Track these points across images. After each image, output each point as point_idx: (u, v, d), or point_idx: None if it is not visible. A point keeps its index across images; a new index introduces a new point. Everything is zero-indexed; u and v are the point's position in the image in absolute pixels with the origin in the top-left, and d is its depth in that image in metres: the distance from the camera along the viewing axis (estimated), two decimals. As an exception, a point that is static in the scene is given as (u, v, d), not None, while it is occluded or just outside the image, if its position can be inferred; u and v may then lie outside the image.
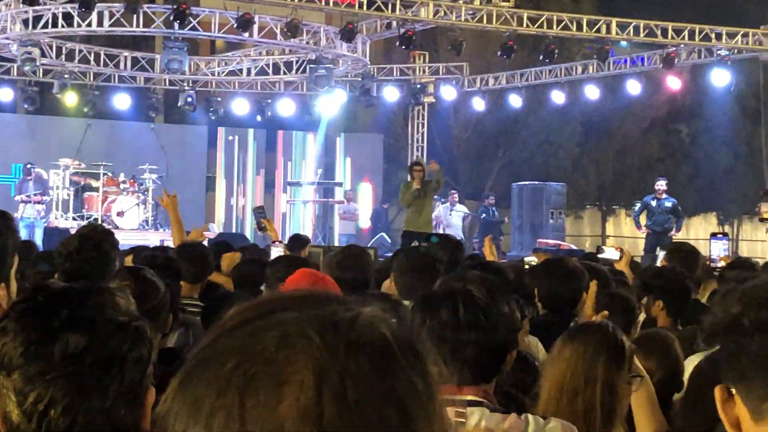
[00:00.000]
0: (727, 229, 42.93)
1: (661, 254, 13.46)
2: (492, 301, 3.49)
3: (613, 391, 3.72)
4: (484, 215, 27.52)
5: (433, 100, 30.75)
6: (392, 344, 1.14)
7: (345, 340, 1.11)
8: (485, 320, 3.41)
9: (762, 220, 6.48)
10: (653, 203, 21.83)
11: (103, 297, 2.17)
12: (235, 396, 1.08)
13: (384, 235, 28.08)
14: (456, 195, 27.31)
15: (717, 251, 7.78)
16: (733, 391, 1.82)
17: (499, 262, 8.97)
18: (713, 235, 8.06)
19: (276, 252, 9.43)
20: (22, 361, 2.05)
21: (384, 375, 1.11)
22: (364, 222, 29.96)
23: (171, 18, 21.25)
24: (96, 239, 6.19)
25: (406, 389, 1.12)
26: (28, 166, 23.69)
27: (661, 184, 22.06)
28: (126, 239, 19.43)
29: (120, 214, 23.57)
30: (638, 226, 22.58)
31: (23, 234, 21.78)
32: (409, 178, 18.07)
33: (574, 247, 26.67)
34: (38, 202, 23.21)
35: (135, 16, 21.89)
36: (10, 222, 3.15)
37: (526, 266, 8.84)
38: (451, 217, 26.35)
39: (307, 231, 28.75)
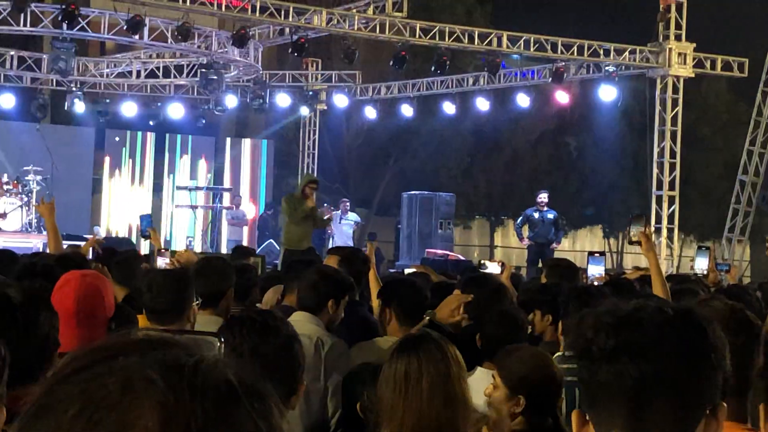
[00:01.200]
0: (612, 242, 43.67)
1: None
2: None
3: None
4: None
5: (325, 108, 30.76)
6: (236, 387, 1.13)
7: (189, 384, 1.09)
8: None
9: (631, 242, 6.60)
10: (535, 215, 22.04)
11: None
12: None
13: (272, 242, 27.95)
14: (347, 203, 27.29)
15: (594, 271, 7.89)
16: (587, 416, 1.83)
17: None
18: (590, 254, 8.15)
19: (162, 261, 9.27)
20: None
21: (229, 419, 1.10)
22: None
23: (59, 18, 20.93)
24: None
25: (250, 430, 1.11)
26: None
27: (543, 197, 22.29)
28: (7, 242, 19.11)
29: (2, 216, 23.10)
30: (520, 237, 22.74)
31: None
32: (301, 192, 16.66)
33: (461, 257, 26.87)
34: None
35: (22, 14, 21.52)
36: None
37: None
38: (341, 225, 26.33)
39: (196, 237, 28.58)
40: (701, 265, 9.11)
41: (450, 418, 3.76)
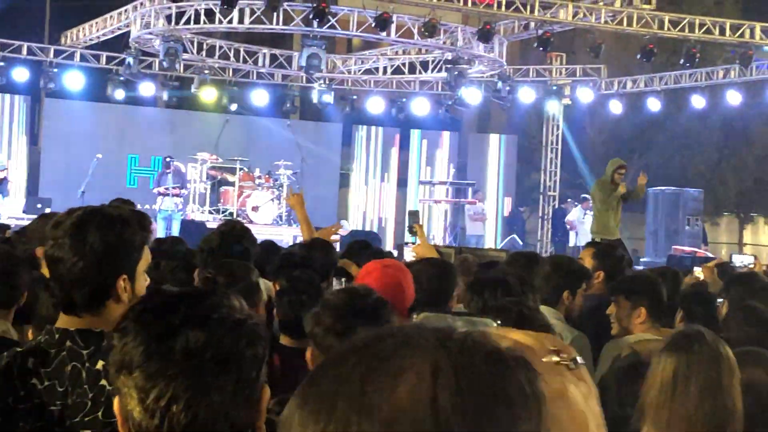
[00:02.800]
0: None
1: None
2: None
3: None
4: None
5: (570, 103, 30.52)
6: (504, 353, 1.21)
7: (461, 345, 1.19)
8: None
9: None
10: None
11: (218, 298, 2.22)
12: (356, 383, 1.15)
13: (515, 237, 28.00)
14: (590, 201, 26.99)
15: None
16: None
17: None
18: None
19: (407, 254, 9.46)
20: (143, 359, 2.08)
21: (496, 374, 1.17)
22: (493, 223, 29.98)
23: (310, 16, 21.46)
24: (236, 236, 6.38)
25: (515, 390, 1.17)
26: (168, 159, 24.15)
27: None
28: (260, 234, 19.78)
29: (255, 208, 23.93)
30: None
31: (161, 226, 22.31)
32: (611, 178, 16.36)
33: (710, 254, 26.22)
34: (176, 195, 23.67)
35: (275, 13, 22.19)
36: (142, 218, 3.24)
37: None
38: (584, 222, 26.10)
39: (438, 231, 28.90)
40: None
41: (719, 429, 3.60)
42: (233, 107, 27.76)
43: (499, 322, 3.94)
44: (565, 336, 5.74)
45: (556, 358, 1.37)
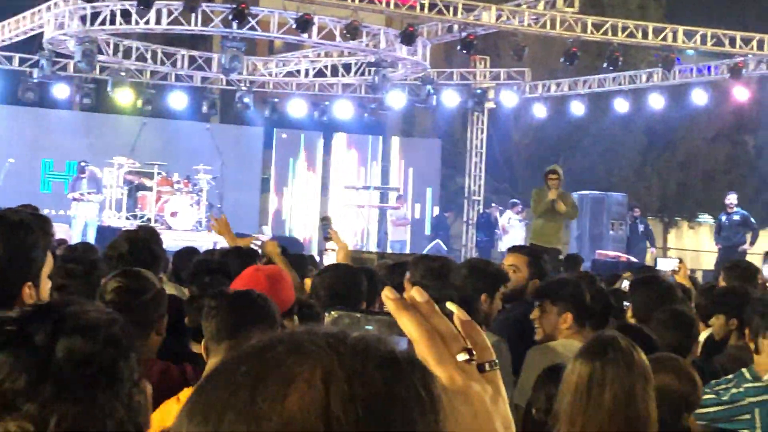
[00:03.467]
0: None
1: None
2: None
3: None
4: None
5: (494, 106, 30.67)
6: (398, 357, 1.20)
7: (353, 350, 1.18)
8: None
9: None
10: (723, 218, 21.86)
11: (78, 307, 2.14)
12: (246, 392, 1.14)
13: (440, 242, 28.02)
14: (520, 205, 27.14)
15: None
16: None
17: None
18: (767, 255, 7.89)
19: (327, 260, 9.42)
20: (10, 377, 2.01)
21: (389, 379, 1.17)
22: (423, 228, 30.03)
23: (230, 17, 21.35)
24: (144, 241, 6.26)
25: (410, 394, 1.17)
26: (82, 164, 23.86)
27: (729, 199, 21.95)
28: (179, 240, 19.59)
29: (173, 214, 23.70)
30: (716, 243, 22.75)
31: (76, 233, 22.01)
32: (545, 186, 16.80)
33: (633, 259, 26.46)
34: (91, 201, 23.36)
35: (194, 14, 22.02)
36: (44, 222, 3.17)
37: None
38: (514, 226, 26.26)
39: (362, 236, 28.86)
40: None
41: None
42: (150, 110, 27.51)
43: None
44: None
45: (466, 357, 1.40)
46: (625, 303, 7.06)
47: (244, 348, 1.21)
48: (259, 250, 9.37)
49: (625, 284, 8.11)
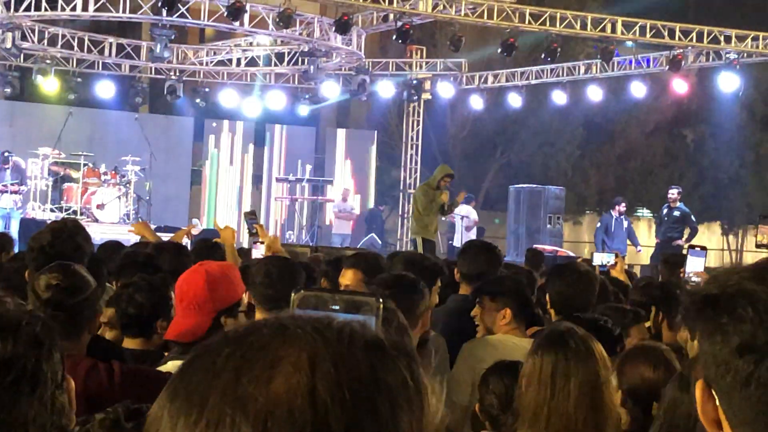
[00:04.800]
0: (731, 239, 43.00)
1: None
2: None
3: None
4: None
5: (430, 97, 30.75)
6: (383, 341, 1.23)
7: (339, 334, 1.20)
8: None
9: (759, 246, 6.38)
10: (664, 211, 22.03)
11: None
12: (230, 375, 1.16)
13: (374, 236, 28.07)
14: (474, 200, 27.27)
15: (693, 266, 7.72)
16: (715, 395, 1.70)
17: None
18: (691, 248, 7.98)
19: (257, 253, 9.42)
20: None
21: (376, 364, 1.19)
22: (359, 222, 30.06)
23: (159, 4, 21.22)
24: (69, 233, 6.20)
25: (395, 381, 1.19)
26: (6, 154, 23.55)
27: (671, 193, 22.14)
28: (106, 233, 19.45)
29: (100, 206, 23.52)
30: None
31: (-2, 225, 21.75)
32: (437, 184, 17.26)
33: (571, 253, 26.68)
34: (15, 192, 23.07)
35: (121, 1, 21.88)
36: None
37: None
38: (470, 220, 26.39)
39: (296, 229, 28.82)
40: None
41: (598, 426, 3.67)
42: (77, 99, 27.27)
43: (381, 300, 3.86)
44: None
45: None
46: None
47: (228, 332, 1.23)
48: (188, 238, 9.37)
49: None
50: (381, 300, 1.57)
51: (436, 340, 5.98)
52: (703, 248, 8.21)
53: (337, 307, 1.54)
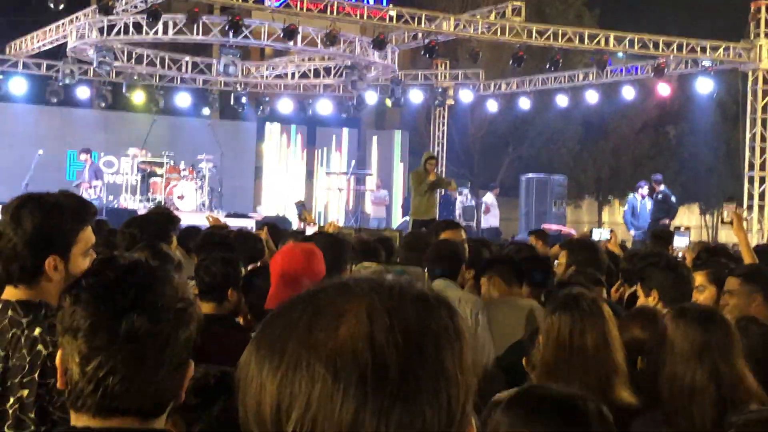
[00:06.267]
0: (707, 218, 42.73)
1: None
2: None
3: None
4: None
5: (453, 103, 30.69)
6: (429, 295, 1.26)
7: (390, 291, 1.24)
8: None
9: (723, 222, 6.50)
10: (652, 197, 21.78)
11: (165, 279, 2.13)
12: (303, 326, 1.20)
13: (408, 218, 28.05)
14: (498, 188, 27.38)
15: (680, 244, 7.80)
16: None
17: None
18: (677, 229, 8.10)
19: (310, 231, 9.52)
20: (90, 331, 2.03)
21: (422, 315, 1.22)
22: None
23: (226, 28, 21.31)
24: (157, 219, 6.26)
25: (439, 327, 1.22)
26: (83, 156, 23.48)
27: (656, 179, 21.90)
28: (186, 220, 19.55)
29: (181, 197, 23.62)
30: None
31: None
32: (423, 168, 16.67)
33: (573, 231, 26.58)
34: (91, 187, 23.01)
35: (195, 25, 21.97)
36: (80, 207, 3.16)
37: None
38: (496, 205, 26.32)
39: (342, 215, 28.90)
40: None
41: (609, 379, 3.59)
42: (160, 108, 27.41)
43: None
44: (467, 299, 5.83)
45: None
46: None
47: (299, 294, 1.26)
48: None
49: None
50: (426, 270, 1.61)
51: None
52: (687, 229, 8.27)
53: (390, 276, 1.57)
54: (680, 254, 7.78)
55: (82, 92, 27.21)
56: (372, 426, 1.14)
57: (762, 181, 23.58)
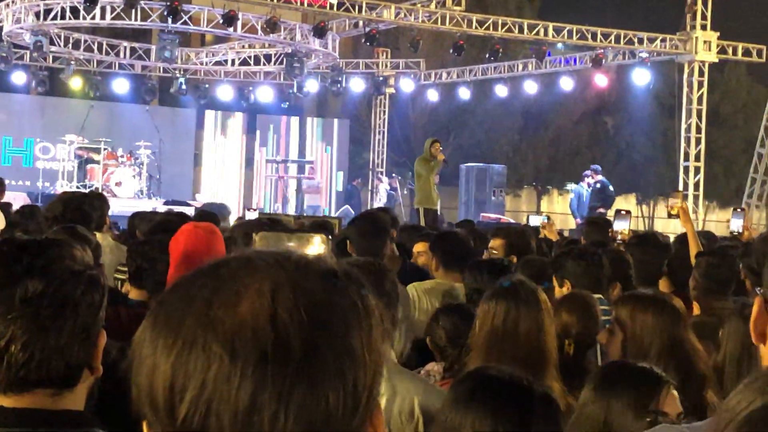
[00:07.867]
0: (644, 208, 43.26)
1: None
2: None
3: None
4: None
5: (394, 91, 30.71)
6: (337, 271, 1.18)
7: (297, 265, 1.16)
8: None
9: (670, 215, 6.58)
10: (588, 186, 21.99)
11: (61, 248, 2.13)
12: (202, 302, 1.12)
13: (348, 207, 28.03)
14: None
15: (620, 227, 7.90)
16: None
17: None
18: (617, 212, 8.18)
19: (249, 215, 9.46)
20: None
21: (329, 290, 1.15)
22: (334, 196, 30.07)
23: (165, 13, 21.12)
24: (77, 202, 6.16)
25: (347, 304, 1.15)
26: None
27: (595, 169, 22.12)
28: (123, 207, 19.37)
29: (118, 184, 23.45)
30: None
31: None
32: (429, 153, 16.36)
33: (512, 221, 26.73)
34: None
35: (133, 11, 21.74)
36: None
37: None
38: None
39: (280, 203, 28.80)
40: (737, 225, 8.94)
41: (540, 364, 3.61)
42: (97, 94, 27.11)
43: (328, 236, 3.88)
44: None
45: None
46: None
47: (201, 266, 1.19)
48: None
49: None
50: (329, 237, 1.56)
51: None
52: (628, 212, 8.34)
53: (292, 244, 1.52)
54: (619, 237, 7.84)
55: (18, 77, 26.83)
56: (270, 409, 1.08)
57: (697, 171, 23.91)
